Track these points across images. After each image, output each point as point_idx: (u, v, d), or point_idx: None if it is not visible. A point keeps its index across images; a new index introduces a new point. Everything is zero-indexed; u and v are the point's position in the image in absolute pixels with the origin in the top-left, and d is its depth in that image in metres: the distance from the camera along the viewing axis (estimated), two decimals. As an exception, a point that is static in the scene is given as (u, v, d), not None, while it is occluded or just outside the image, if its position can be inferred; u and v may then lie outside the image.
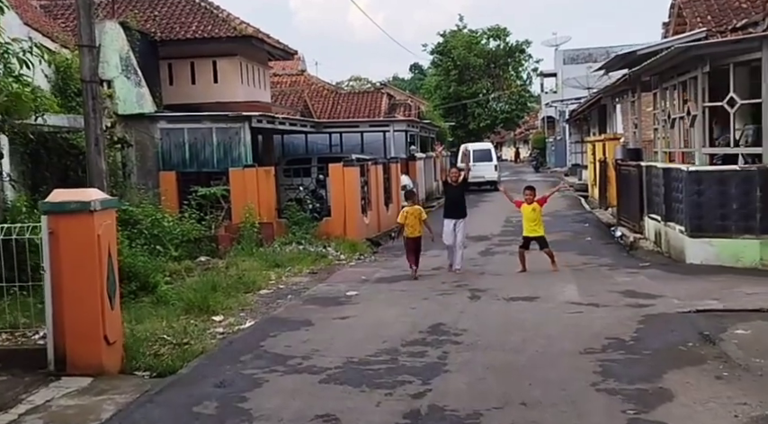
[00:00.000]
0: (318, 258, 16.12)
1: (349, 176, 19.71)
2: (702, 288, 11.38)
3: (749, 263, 13.62)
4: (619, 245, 17.96)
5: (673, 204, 16.06)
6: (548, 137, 69.35)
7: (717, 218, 14.09)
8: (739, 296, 10.62)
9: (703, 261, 14.16)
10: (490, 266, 15.13)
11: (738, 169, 13.96)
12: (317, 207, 20.88)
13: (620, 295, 11.21)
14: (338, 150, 27.68)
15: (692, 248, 14.39)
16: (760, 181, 13.58)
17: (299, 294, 12.48)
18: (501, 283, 12.82)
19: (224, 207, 18.55)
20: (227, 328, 10.04)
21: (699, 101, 14.59)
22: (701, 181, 14.29)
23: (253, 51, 23.96)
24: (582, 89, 47.57)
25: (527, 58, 49.40)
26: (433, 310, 10.62)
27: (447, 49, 46.12)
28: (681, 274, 12.90)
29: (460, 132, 45.99)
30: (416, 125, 31.52)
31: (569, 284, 12.39)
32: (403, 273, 14.30)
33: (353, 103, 36.26)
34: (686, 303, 10.29)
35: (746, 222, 13.75)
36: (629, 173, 20.30)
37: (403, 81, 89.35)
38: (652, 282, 12.19)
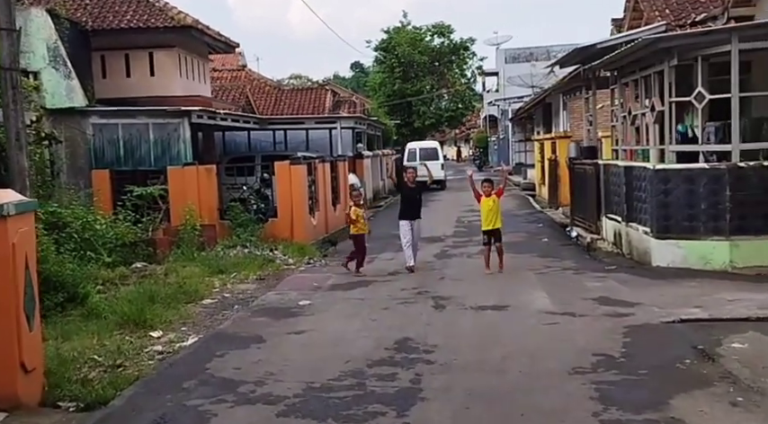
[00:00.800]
0: (265, 262, 14.98)
1: (296, 175, 18.60)
2: (679, 295, 10.65)
3: (718, 266, 12.99)
4: (578, 247, 17.27)
5: (635, 204, 15.40)
6: (490, 136, 69.16)
7: (684, 219, 13.44)
8: (721, 303, 9.91)
9: (670, 264, 13.50)
10: (449, 270, 14.22)
11: (707, 167, 13.33)
12: (262, 208, 19.69)
13: (595, 302, 10.40)
14: (282, 148, 26.50)
15: (659, 250, 13.72)
16: (729, 179, 12.96)
17: (247, 304, 11.35)
18: (464, 289, 11.91)
19: (162, 208, 17.24)
20: (166, 346, 8.88)
21: (665, 96, 13.92)
22: (668, 179, 13.63)
23: (192, 43, 22.63)
24: (526, 87, 47.22)
25: (471, 56, 48.82)
26: (397, 322, 9.63)
27: (391, 46, 45.21)
28: (651, 278, 12.18)
29: (405, 130, 45.14)
30: (364, 122, 30.51)
31: (537, 290, 11.54)
32: (357, 279, 13.29)
33: (297, 100, 35.08)
34: (667, 311, 9.52)
35: (715, 222, 13.12)
36: (584, 172, 19.65)
37: (344, 79, 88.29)
38: (624, 288, 11.43)
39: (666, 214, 13.62)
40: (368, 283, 12.86)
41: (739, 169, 12.99)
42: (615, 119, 18.03)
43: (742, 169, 12.99)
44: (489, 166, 62.14)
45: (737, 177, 12.97)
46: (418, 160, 37.22)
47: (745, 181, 12.97)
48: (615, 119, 18.01)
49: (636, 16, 20.77)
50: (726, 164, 13.10)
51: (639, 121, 16.11)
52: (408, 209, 14.75)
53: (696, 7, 18.34)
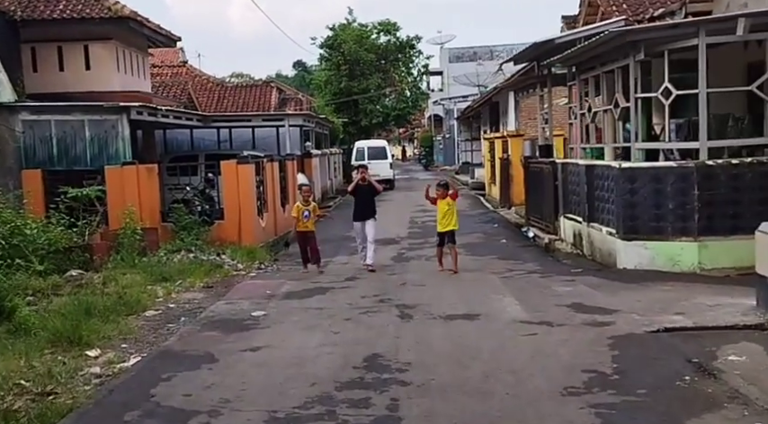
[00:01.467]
0: (213, 268, 13.98)
1: (244, 174, 17.60)
2: (655, 300, 10.05)
3: (686, 267, 12.50)
4: (537, 248, 16.68)
5: (597, 204, 14.86)
6: (435, 136, 68.83)
7: (652, 219, 12.92)
8: (702, 309, 9.34)
9: (637, 266, 12.97)
10: (409, 274, 13.44)
11: (674, 165, 12.83)
12: (207, 210, 18.63)
13: (570, 309, 9.73)
14: (227, 147, 25.40)
15: (625, 251, 13.17)
16: (698, 178, 12.47)
17: (195, 315, 10.38)
18: (428, 296, 11.14)
19: (99, 210, 16.07)
20: (105, 367, 7.88)
21: (632, 92, 13.38)
22: (635, 178, 13.09)
23: (130, 36, 21.40)
24: (472, 86, 46.88)
25: (417, 54, 48.21)
26: (362, 335, 8.79)
27: (337, 43, 44.24)
28: (622, 282, 11.58)
29: (352, 129, 44.27)
30: (312, 120, 29.54)
31: (506, 296, 10.84)
32: (314, 286, 12.41)
33: (241, 97, 33.91)
34: (648, 319, 8.90)
35: (684, 223, 12.62)
36: (540, 171, 19.11)
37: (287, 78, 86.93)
38: (597, 293, 10.80)
39: (633, 214, 13.08)
40: (325, 290, 11.99)
41: (708, 167, 12.52)
42: (573, 116, 17.52)
43: (710, 167, 12.52)
44: (435, 166, 61.80)
45: (706, 176, 12.50)
46: (366, 159, 36.48)
47: (713, 180, 12.51)
48: (573, 117, 17.49)
49: (591, 11, 20.33)
50: (694, 163, 12.61)
51: (601, 118, 15.60)
52: (361, 209, 14.39)
53: (654, 2, 17.95)
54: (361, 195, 14.58)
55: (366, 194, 14.60)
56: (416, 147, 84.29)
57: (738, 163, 12.55)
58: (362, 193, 14.59)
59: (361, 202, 14.48)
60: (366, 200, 14.48)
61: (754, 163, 12.53)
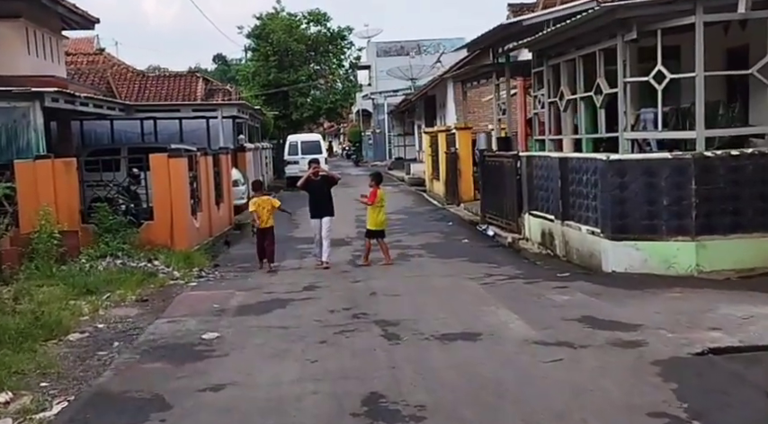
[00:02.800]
0: (146, 277, 12.03)
1: (176, 170, 15.61)
2: (674, 311, 8.70)
3: (683, 270, 11.25)
4: (506, 248, 15.26)
5: (574, 200, 13.54)
6: (364, 131, 67.28)
7: (644, 217, 11.62)
8: (737, 322, 8.02)
9: (628, 269, 11.66)
10: (375, 281, 11.79)
11: (670, 157, 11.55)
12: (133, 209, 16.56)
13: (583, 325, 8.27)
14: (153, 139, 23.20)
15: (614, 253, 11.84)
16: (695, 171, 11.23)
17: (131, 339, 8.50)
18: (408, 308, 9.54)
19: (8, 210, 13.88)
20: (20, 419, 5.99)
21: (619, 76, 12.06)
22: (625, 172, 11.77)
23: (43, 14, 19.08)
24: (405, 80, 45.48)
25: (349, 46, 46.45)
26: (348, 364, 7.11)
27: (265, 33, 42.12)
28: (622, 288, 10.22)
29: (282, 123, 42.23)
30: (246, 111, 27.51)
31: (499, 308, 9.31)
32: (269, 297, 10.66)
33: (164, 88, 31.52)
34: (683, 337, 7.52)
35: (680, 220, 11.37)
36: (500, 165, 17.73)
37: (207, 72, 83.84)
38: (601, 302, 9.39)
39: (622, 211, 11.77)
40: (284, 303, 10.25)
41: (706, 159, 11.29)
42: (539, 105, 16.18)
43: (709, 159, 11.30)
44: (365, 161, 60.24)
45: (704, 168, 11.27)
46: (300, 154, 34.63)
47: (711, 173, 11.29)
48: (539, 106, 16.15)
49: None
50: (691, 154, 11.36)
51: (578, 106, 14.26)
52: (318, 205, 13.71)
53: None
54: (315, 191, 13.83)
55: (320, 189, 13.80)
56: (343, 143, 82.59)
57: (739, 154, 11.37)
58: (316, 189, 13.77)
59: (317, 198, 13.77)
60: (322, 196, 13.76)
61: (755, 154, 11.37)
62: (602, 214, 12.15)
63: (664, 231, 11.48)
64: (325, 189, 13.84)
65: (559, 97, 14.77)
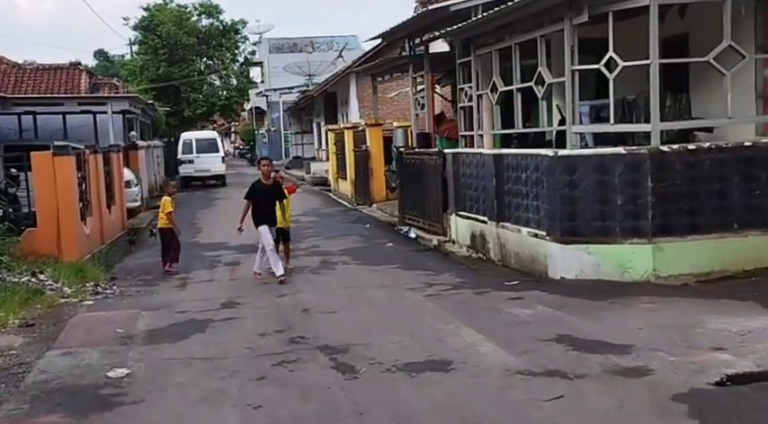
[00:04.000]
0: (31, 295, 10.11)
1: (63, 169, 13.65)
2: (658, 326, 7.66)
3: (639, 275, 10.30)
4: (434, 252, 14.05)
5: (511, 200, 12.49)
6: (257, 129, 65.12)
7: (596, 218, 10.63)
8: (735, 339, 7.02)
9: (579, 275, 10.64)
10: (304, 294, 10.31)
11: (624, 152, 10.58)
12: (11, 214, 14.40)
13: (565, 347, 7.09)
14: (32, 136, 20.80)
15: (563, 258, 10.81)
16: (651, 167, 10.31)
17: (16, 380, 6.72)
18: (353, 329, 8.14)
19: None
20: None
21: (567, 63, 11.02)
22: (575, 169, 10.74)
23: None
24: (303, 76, 43.81)
25: (243, 40, 44.24)
26: (302, 410, 5.63)
27: (153, 25, 39.49)
28: (584, 298, 9.15)
29: (173, 120, 39.73)
30: (139, 105, 25.26)
31: (459, 326, 8.02)
32: (183, 317, 9.04)
33: (44, 82, 28.76)
34: (686, 360, 6.43)
35: (635, 221, 10.41)
36: (421, 163, 16.52)
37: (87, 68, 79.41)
38: (571, 317, 8.24)
39: (573, 212, 10.74)
40: (202, 324, 8.64)
41: (662, 154, 10.38)
42: (464, 99, 15.05)
43: (665, 154, 10.38)
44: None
45: (660, 164, 10.35)
46: (194, 152, 32.54)
47: (668, 170, 10.38)
48: (464, 100, 15.02)
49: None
50: (647, 149, 10.42)
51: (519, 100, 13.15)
52: (266, 212, 11.93)
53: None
54: (264, 197, 12.05)
55: (270, 195, 12.10)
56: (235, 141, 79.93)
57: (696, 148, 10.52)
58: (266, 194, 12.09)
59: (266, 205, 11.98)
60: (271, 203, 12.03)
61: (712, 148, 10.53)
62: (548, 215, 11.09)
63: (618, 233, 10.52)
64: (278, 196, 12.18)
65: (491, 89, 13.68)
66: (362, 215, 20.26)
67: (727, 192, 10.45)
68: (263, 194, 11.97)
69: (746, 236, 10.48)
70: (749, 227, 10.48)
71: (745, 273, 10.24)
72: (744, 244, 10.47)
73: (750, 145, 10.62)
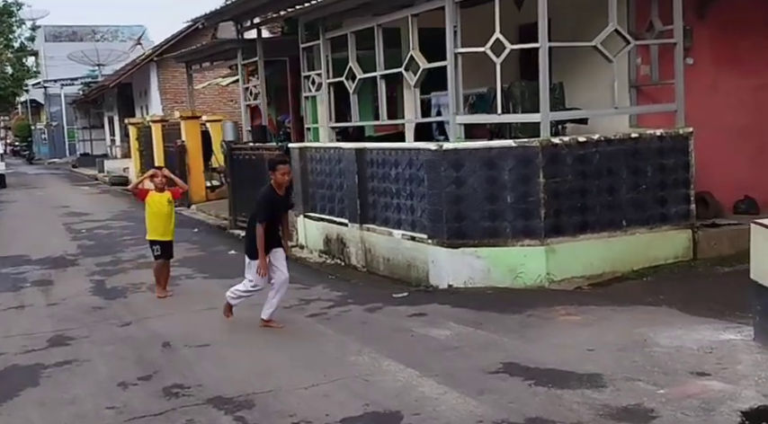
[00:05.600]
0: None
1: None
2: (603, 343, 6.53)
3: (532, 280, 9.31)
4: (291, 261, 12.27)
5: (376, 199, 11.16)
6: (34, 124, 59.06)
7: (485, 218, 9.50)
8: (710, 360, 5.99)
9: (468, 282, 9.49)
10: (153, 322, 8.21)
11: (514, 145, 9.49)
12: None
13: (523, 380, 5.71)
14: None
15: (451, 263, 9.59)
16: (543, 161, 9.33)
17: None
18: (242, 369, 6.30)
19: None
20: None
21: (449, 46, 9.75)
22: (461, 164, 9.53)
23: None
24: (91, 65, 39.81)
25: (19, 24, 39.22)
26: None
27: None
28: (494, 311, 7.92)
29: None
30: None
31: (376, 357, 6.44)
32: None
33: None
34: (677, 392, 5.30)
35: (526, 221, 9.39)
36: (259, 160, 14.64)
37: None
38: (498, 337, 6.93)
39: (459, 212, 9.54)
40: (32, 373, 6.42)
41: (554, 147, 9.42)
42: (311, 88, 13.43)
43: (556, 147, 9.44)
44: (38, 159, 52.66)
45: (552, 158, 9.39)
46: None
47: (559, 164, 9.46)
48: (312, 88, 13.40)
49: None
50: (538, 141, 9.41)
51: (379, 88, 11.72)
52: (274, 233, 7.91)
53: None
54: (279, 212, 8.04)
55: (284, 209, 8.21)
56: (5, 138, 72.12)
57: (586, 141, 9.65)
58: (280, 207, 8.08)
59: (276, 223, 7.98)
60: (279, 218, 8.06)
61: (601, 141, 9.71)
62: (431, 216, 9.80)
63: (509, 234, 9.44)
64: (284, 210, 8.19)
65: (347, 77, 12.17)
66: (183, 218, 17.91)
67: (616, 187, 9.71)
68: (280, 210, 8.01)
69: (634, 234, 9.83)
70: (636, 224, 9.83)
71: (635, 273, 9.59)
72: (632, 243, 9.80)
73: (637, 136, 9.93)
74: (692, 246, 10.21)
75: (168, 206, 9.90)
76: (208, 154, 20.88)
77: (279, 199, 7.87)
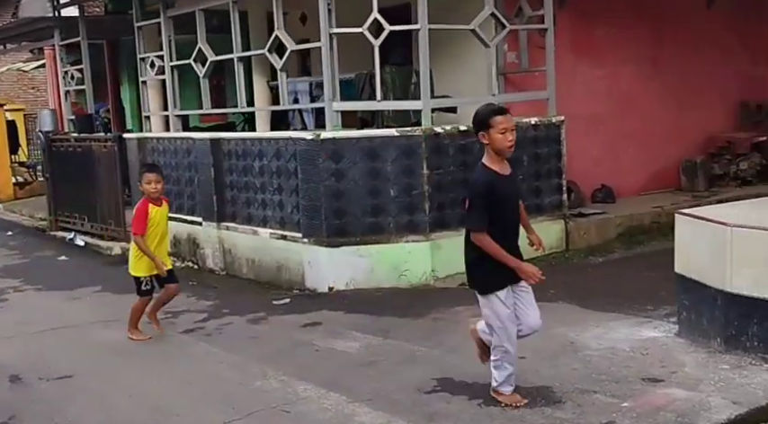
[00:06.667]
0: None
1: None
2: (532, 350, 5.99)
3: (418, 278, 8.72)
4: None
5: (237, 195, 10.10)
6: None
7: (367, 213, 8.76)
8: (647, 362, 5.61)
9: (351, 283, 8.74)
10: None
11: (397, 134, 8.79)
12: None
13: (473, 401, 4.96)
14: None
15: (331, 264, 8.77)
16: (427, 151, 8.72)
17: None
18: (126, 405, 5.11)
19: None
20: None
21: (323, 25, 8.83)
22: (341, 155, 8.71)
23: None
24: None
25: None
26: None
27: None
28: (398, 317, 7.15)
29: None
30: None
31: (286, 380, 5.46)
32: None
33: None
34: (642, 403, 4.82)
35: (411, 216, 8.78)
36: (86, 153, 12.91)
37: None
38: (414, 347, 6.15)
39: (340, 207, 8.72)
40: None
41: (437, 136, 8.84)
42: (150, 72, 11.99)
43: (439, 136, 8.86)
44: None
45: (435, 148, 8.81)
46: None
47: (443, 155, 8.90)
48: (151, 71, 11.96)
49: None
50: (422, 130, 8.77)
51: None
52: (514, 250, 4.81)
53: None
54: (507, 210, 4.89)
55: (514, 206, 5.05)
56: None
57: (467, 129, 9.10)
58: (510, 203, 4.93)
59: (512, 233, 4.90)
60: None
61: (476, 130, 9.23)
62: (307, 212, 8.89)
63: (392, 230, 8.76)
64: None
65: (195, 59, 10.92)
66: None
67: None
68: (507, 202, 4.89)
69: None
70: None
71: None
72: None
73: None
74: (564, 237, 10.02)
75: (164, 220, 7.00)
76: (14, 147, 18.58)
77: (504, 184, 4.88)
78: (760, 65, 13.42)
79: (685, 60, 12.19)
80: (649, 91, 11.93)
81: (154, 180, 6.67)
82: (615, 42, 11.67)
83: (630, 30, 11.63)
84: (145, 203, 6.68)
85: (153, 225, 6.59)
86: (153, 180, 6.66)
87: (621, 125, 11.70)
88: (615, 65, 11.67)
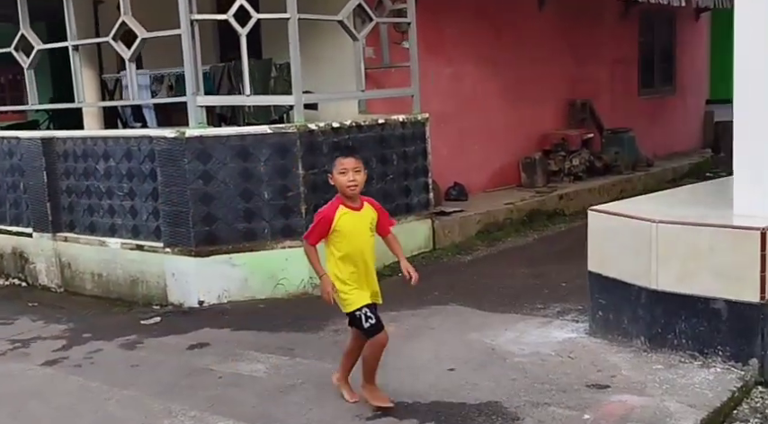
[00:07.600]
0: None
1: None
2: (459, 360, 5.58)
3: (295, 287, 8.08)
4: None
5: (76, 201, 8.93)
6: None
7: (240, 219, 7.99)
8: (578, 366, 5.35)
9: (223, 296, 7.96)
10: None
11: (270, 132, 8.04)
12: None
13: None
14: None
15: (200, 276, 7.89)
16: (302, 150, 8.07)
17: None
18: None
19: None
20: None
21: (183, 10, 7.88)
22: (210, 155, 7.86)
23: None
24: None
25: None
26: None
27: None
28: (297, 332, 6.46)
29: None
30: None
31: (200, 417, 4.64)
32: None
33: None
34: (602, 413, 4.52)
35: (286, 219, 8.11)
36: None
37: None
38: (325, 365, 5.56)
39: (209, 213, 7.87)
40: None
41: (311, 134, 8.22)
42: None
43: (313, 134, 8.25)
44: None
45: (309, 147, 8.19)
46: None
47: (317, 154, 8.28)
48: None
49: None
50: (296, 127, 8.10)
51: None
52: None
53: None
54: None
55: None
56: None
57: (340, 127, 8.59)
58: None
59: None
60: None
61: (353, 126, 8.76)
62: (170, 219, 7.94)
63: (267, 235, 8.04)
64: None
65: (17, 48, 9.49)
66: None
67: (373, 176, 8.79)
68: None
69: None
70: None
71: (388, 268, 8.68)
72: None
73: (383, 123, 9.14)
74: (431, 236, 9.78)
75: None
76: None
77: None
78: (585, 65, 13.99)
79: (520, 61, 12.44)
80: (489, 90, 12.04)
81: None
82: (461, 41, 11.63)
83: (473, 30, 11.65)
84: None
85: None
86: None
87: (468, 123, 11.72)
88: (461, 64, 11.64)
